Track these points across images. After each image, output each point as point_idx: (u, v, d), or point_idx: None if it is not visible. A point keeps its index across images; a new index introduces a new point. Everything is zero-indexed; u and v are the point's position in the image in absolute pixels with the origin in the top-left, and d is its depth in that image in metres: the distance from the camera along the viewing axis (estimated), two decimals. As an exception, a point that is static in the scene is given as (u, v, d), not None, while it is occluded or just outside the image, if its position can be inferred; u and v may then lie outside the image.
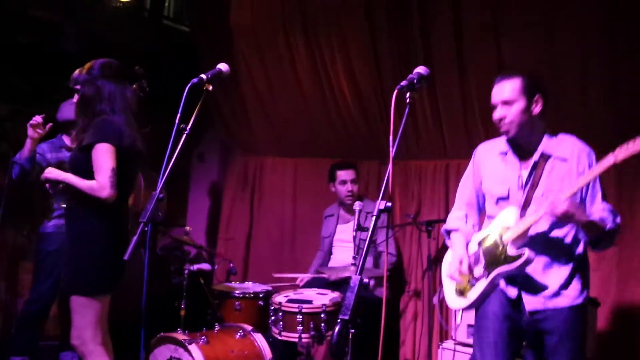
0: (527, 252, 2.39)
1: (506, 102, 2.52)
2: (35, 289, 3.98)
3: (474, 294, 2.58)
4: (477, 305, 2.60)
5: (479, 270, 2.57)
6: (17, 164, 3.83)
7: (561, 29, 3.68)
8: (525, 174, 2.56)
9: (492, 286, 2.54)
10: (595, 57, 3.63)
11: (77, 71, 3.01)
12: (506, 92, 2.52)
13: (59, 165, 3.82)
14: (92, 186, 2.82)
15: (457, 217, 2.80)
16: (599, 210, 2.46)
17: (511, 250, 2.45)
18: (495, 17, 3.85)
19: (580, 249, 2.54)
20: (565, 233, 2.52)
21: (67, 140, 4.01)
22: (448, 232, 2.82)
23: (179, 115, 2.34)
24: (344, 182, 4.36)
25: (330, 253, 4.45)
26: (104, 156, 2.83)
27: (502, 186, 2.61)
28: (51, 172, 2.92)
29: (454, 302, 2.72)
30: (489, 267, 2.53)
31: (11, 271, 4.73)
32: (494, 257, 2.52)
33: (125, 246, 2.29)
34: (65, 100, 4.00)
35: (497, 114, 2.55)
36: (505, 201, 2.60)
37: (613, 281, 3.74)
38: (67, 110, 3.95)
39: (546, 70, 3.68)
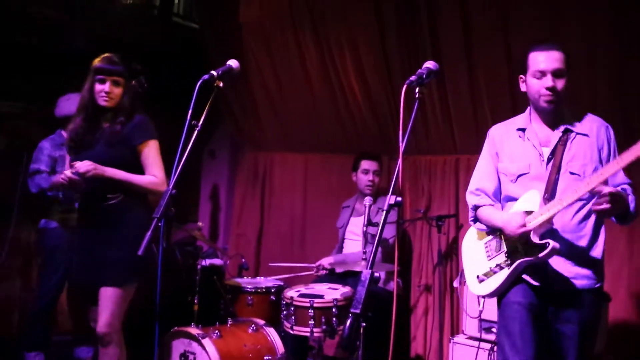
0: (551, 242, 2.36)
1: (558, 72, 2.48)
2: (42, 284, 4.02)
3: (495, 282, 2.57)
4: (499, 293, 2.59)
5: (500, 258, 2.56)
6: (38, 184, 3.88)
7: (568, 24, 3.67)
8: (546, 150, 2.55)
9: (515, 275, 2.52)
10: (602, 52, 3.62)
11: (108, 60, 3.02)
12: (559, 62, 2.49)
13: (60, 160, 3.89)
14: (154, 181, 2.98)
15: (484, 199, 2.74)
16: (620, 178, 2.52)
17: (535, 239, 2.43)
18: (502, 13, 3.85)
19: (601, 239, 2.55)
20: (587, 220, 2.52)
21: (66, 135, 4.01)
22: (477, 208, 2.75)
23: (190, 111, 2.36)
24: (366, 172, 4.39)
25: (342, 246, 4.46)
26: (158, 152, 3.03)
27: (523, 162, 2.59)
28: (97, 168, 2.88)
29: (475, 288, 2.70)
30: (511, 256, 2.52)
31: (26, 268, 4.79)
32: (516, 245, 2.50)
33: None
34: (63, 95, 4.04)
35: (548, 83, 2.48)
36: (526, 176, 2.57)
37: (624, 275, 3.73)
38: (66, 106, 3.97)
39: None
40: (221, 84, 2.49)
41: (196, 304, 3.76)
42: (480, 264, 2.70)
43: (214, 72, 2.47)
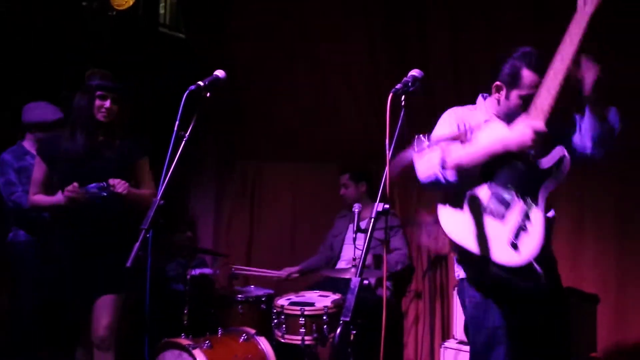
0: (563, 151, 2.21)
1: None
2: (20, 307, 3.88)
3: (536, 233, 2.16)
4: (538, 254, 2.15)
5: (517, 206, 2.21)
6: (17, 203, 3.80)
7: (555, 32, 3.71)
8: None
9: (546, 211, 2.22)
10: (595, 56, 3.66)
11: (107, 77, 3.10)
12: None
13: (22, 172, 3.83)
14: (152, 194, 3.07)
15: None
16: None
17: (540, 163, 2.23)
18: (489, 21, 3.90)
19: None
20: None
21: (27, 146, 3.95)
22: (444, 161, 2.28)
23: (177, 122, 2.36)
24: (340, 187, 4.51)
25: (339, 254, 4.47)
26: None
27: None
28: (126, 185, 2.97)
29: (514, 257, 2.16)
30: (525, 193, 2.22)
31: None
32: (526, 178, 2.24)
33: None
34: (31, 102, 3.96)
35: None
36: None
37: (613, 277, 3.75)
38: (35, 113, 3.89)
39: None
40: (208, 94, 2.49)
41: (186, 314, 3.75)
42: (499, 231, 2.23)
43: (200, 83, 2.46)
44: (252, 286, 4.46)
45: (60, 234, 3.17)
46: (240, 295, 4.02)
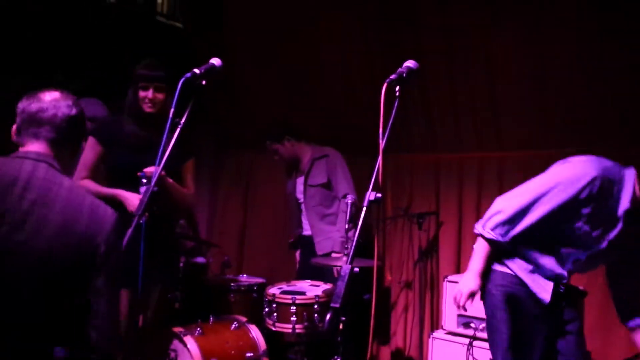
0: None
1: None
2: None
3: None
4: None
5: None
6: None
7: (549, 22, 3.73)
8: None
9: None
10: (584, 51, 3.69)
11: (150, 65, 3.00)
12: None
13: None
14: (191, 195, 3.08)
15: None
16: None
17: None
18: (483, 12, 3.92)
19: None
20: None
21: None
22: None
23: (172, 109, 2.36)
24: (272, 157, 4.55)
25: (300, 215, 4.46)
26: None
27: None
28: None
29: None
30: None
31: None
32: None
33: None
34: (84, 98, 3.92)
35: None
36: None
37: (600, 271, 3.78)
38: (88, 110, 3.84)
39: (533, 61, 3.77)
40: (204, 82, 2.49)
41: (178, 301, 3.77)
42: None
43: (196, 70, 2.46)
44: (244, 275, 4.48)
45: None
46: (232, 284, 4.04)
